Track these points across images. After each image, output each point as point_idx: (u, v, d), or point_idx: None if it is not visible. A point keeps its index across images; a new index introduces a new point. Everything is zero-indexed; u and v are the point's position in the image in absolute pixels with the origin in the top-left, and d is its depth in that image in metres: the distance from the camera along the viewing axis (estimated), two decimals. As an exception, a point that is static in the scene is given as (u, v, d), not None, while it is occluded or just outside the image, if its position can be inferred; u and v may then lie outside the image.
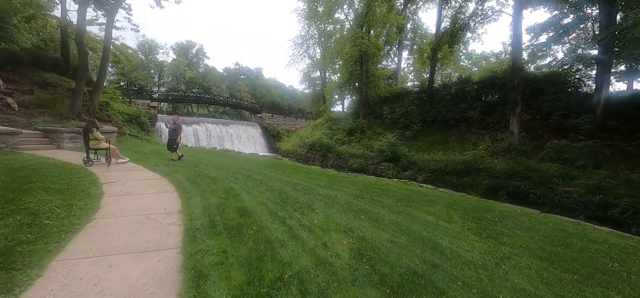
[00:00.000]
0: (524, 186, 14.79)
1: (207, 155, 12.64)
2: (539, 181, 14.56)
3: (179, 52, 59.09)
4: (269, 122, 33.44)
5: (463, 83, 23.71)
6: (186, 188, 6.12)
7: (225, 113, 58.56)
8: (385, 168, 19.99)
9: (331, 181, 9.61)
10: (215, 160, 11.02)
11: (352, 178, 11.12)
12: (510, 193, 14.92)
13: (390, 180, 12.22)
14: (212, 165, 9.59)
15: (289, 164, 13.92)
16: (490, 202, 9.16)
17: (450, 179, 17.25)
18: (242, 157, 14.48)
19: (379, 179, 12.02)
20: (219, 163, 10.34)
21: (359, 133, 24.81)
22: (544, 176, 14.62)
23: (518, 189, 14.84)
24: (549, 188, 14.03)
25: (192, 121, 26.98)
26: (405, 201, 7.45)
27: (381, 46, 24.29)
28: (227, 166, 9.80)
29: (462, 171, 17.21)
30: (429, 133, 22.80)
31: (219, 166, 9.45)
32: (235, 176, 8.05)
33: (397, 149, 19.97)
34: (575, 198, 13.15)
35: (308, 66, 39.41)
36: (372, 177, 12.63)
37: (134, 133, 18.08)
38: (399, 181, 12.18)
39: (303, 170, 12.03)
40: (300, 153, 26.12)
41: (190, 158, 10.94)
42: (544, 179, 14.52)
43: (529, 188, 14.61)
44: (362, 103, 27.08)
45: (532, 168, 15.32)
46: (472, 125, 21.35)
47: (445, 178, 17.44)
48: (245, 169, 9.54)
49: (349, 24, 28.06)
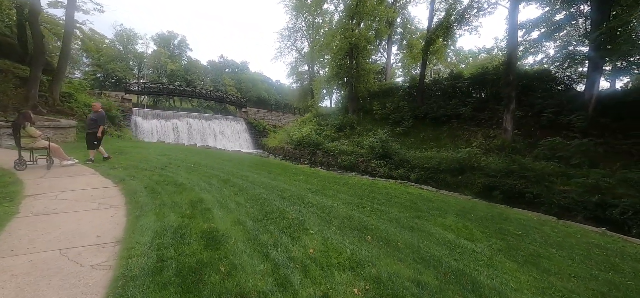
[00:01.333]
0: (520, 185, 14.02)
1: (182, 153, 11.05)
2: (535, 180, 13.82)
3: (160, 43, 55.83)
4: (255, 117, 31.69)
5: (454, 79, 22.89)
6: (139, 201, 4.63)
7: (209, 108, 56.05)
8: (376, 166, 18.89)
9: (323, 184, 8.30)
10: (190, 160, 9.47)
11: (346, 180, 9.85)
12: (505, 192, 14.13)
13: (387, 181, 11.03)
14: (184, 166, 8.06)
15: (276, 163, 12.50)
16: (500, 207, 8.11)
17: (444, 177, 16.35)
18: (223, 155, 12.92)
19: (374, 180, 10.81)
20: (194, 164, 8.81)
21: (348, 129, 23.58)
22: (540, 174, 13.89)
23: (514, 188, 14.06)
24: (545, 187, 13.31)
25: (172, 115, 24.93)
26: (412, 210, 6.24)
27: (372, 39, 23.10)
28: (203, 168, 8.30)
29: (456, 169, 16.33)
30: (420, 129, 21.86)
31: (191, 168, 7.92)
32: (209, 181, 6.58)
33: (388, 146, 18.88)
34: (573, 197, 12.45)
35: (295, 60, 37.78)
36: (366, 178, 11.42)
37: (103, 127, 16.09)
38: (395, 182, 11.01)
39: (291, 170, 10.66)
40: (288, 150, 24.65)
41: (160, 157, 9.34)
42: (540, 178, 13.79)
43: (524, 187, 13.86)
44: (351, 98, 25.84)
45: (528, 166, 14.56)
46: (463, 122, 20.55)
47: (439, 177, 16.53)
48: (223, 171, 8.08)
49: (339, 15, 26.67)
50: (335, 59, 24.72)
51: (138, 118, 22.91)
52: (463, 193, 15.49)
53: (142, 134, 22.26)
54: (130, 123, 22.38)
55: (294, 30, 35.36)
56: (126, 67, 52.23)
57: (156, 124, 23.19)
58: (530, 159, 15.65)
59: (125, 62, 52.37)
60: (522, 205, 13.47)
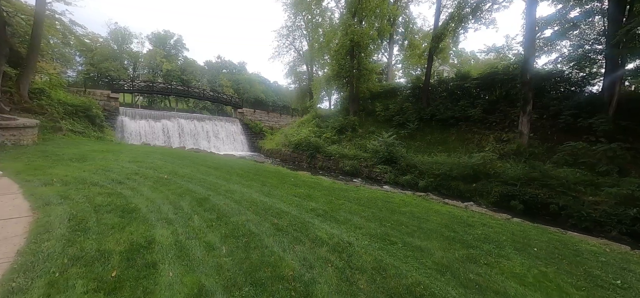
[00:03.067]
0: (543, 195, 12.30)
1: (161, 159, 9.14)
2: (560, 189, 12.09)
3: (155, 43, 53.57)
4: (251, 118, 29.74)
5: (461, 79, 21.18)
6: (41, 250, 2.74)
7: (206, 109, 53.98)
8: (381, 171, 17.08)
9: (329, 199, 6.45)
10: (166, 168, 7.57)
11: (355, 192, 8.00)
12: (526, 202, 12.40)
13: (402, 193, 9.21)
14: (152, 179, 6.17)
15: (272, 170, 10.63)
16: (554, 232, 6.28)
17: (457, 185, 14.61)
18: (211, 160, 11.02)
19: (386, 192, 8.99)
20: (169, 174, 6.91)
21: (350, 131, 21.76)
22: (565, 183, 12.15)
23: (536, 198, 12.34)
24: (573, 198, 11.58)
25: (162, 115, 22.88)
26: (456, 244, 4.42)
27: (375, 36, 21.38)
28: (179, 180, 6.41)
29: (469, 176, 14.59)
30: (427, 132, 20.11)
31: (162, 182, 6.02)
32: (178, 202, 4.71)
33: (394, 150, 17.09)
34: (605, 210, 10.75)
35: (294, 60, 35.79)
36: (377, 188, 9.60)
37: (80, 128, 14.11)
38: (413, 194, 9.18)
39: (289, 180, 8.80)
40: (285, 153, 22.74)
41: (127, 166, 7.39)
42: (565, 187, 12.06)
43: (548, 197, 12.16)
44: (352, 99, 24.03)
45: (551, 174, 12.81)
46: (473, 124, 18.82)
47: (451, 184, 14.78)
48: (204, 185, 6.20)
49: (340, 12, 24.89)
50: (336, 58, 22.92)
51: (125, 118, 20.88)
52: (478, 202, 13.79)
53: (129, 135, 20.23)
54: (116, 123, 20.36)
55: (292, 29, 33.46)
56: (120, 67, 49.98)
57: (144, 125, 21.17)
58: (550, 165, 13.97)
59: (119, 62, 50.08)
60: (546, 217, 11.82)
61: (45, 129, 11.74)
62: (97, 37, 51.50)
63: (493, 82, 19.92)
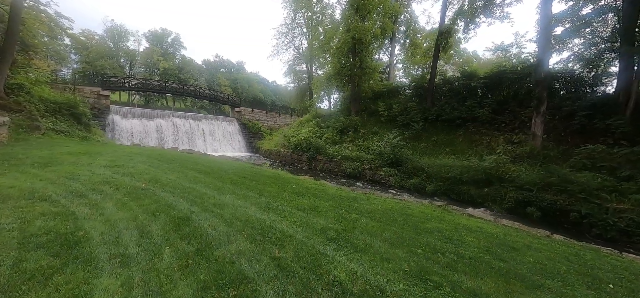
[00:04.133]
0: (562, 202, 11.23)
1: (145, 163, 7.94)
2: (581, 196, 11.03)
3: (152, 41, 52.06)
4: (249, 117, 28.47)
5: (467, 78, 20.12)
6: None
7: (203, 108, 52.63)
8: (385, 174, 15.97)
9: (340, 215, 5.30)
10: (147, 174, 6.38)
11: (366, 201, 6.86)
12: (544, 209, 11.35)
13: (417, 202, 8.06)
14: (126, 188, 4.98)
15: (270, 174, 9.45)
16: (627, 261, 5.16)
17: (468, 189, 13.55)
18: (204, 163, 9.83)
19: (402, 202, 7.85)
20: (149, 181, 5.73)
21: (352, 131, 20.61)
22: (586, 189, 11.08)
23: (554, 205, 11.29)
24: (596, 206, 10.51)
25: (155, 114, 21.56)
26: (519, 284, 3.28)
27: (378, 33, 20.27)
28: (159, 189, 5.24)
29: (481, 180, 13.52)
30: (432, 133, 19.02)
31: (136, 193, 4.81)
32: (149, 224, 3.54)
33: (400, 152, 15.97)
34: (632, 218, 9.70)
35: (293, 58, 34.54)
36: (390, 197, 8.46)
37: (63, 127, 12.84)
38: (430, 204, 8.03)
39: (290, 186, 7.65)
40: (284, 154, 21.54)
41: (100, 172, 6.20)
42: (586, 193, 10.99)
43: (568, 203, 11.09)
44: (354, 98, 22.88)
45: (569, 178, 11.73)
46: (481, 125, 17.77)
47: (461, 189, 13.72)
48: (190, 196, 5.04)
49: (341, 8, 23.75)
50: (337, 55, 21.76)
51: (116, 116, 19.58)
52: (491, 208, 12.72)
53: (120, 135, 18.95)
54: (107, 122, 19.07)
55: (292, 27, 32.23)
56: (116, 65, 48.49)
57: (136, 125, 19.88)
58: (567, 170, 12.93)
59: (115, 60, 48.58)
60: (565, 226, 10.79)
61: (20, 128, 10.48)
62: (93, 34, 49.96)
63: (500, 82, 18.91)
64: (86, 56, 47.09)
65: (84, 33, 49.13)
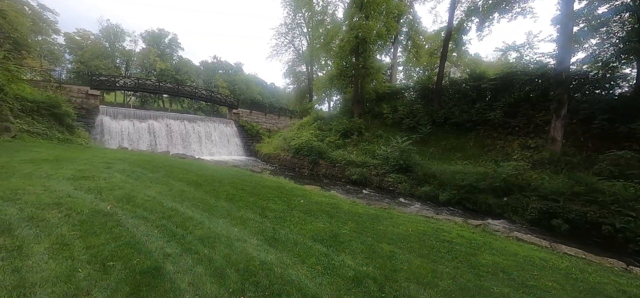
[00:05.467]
0: (592, 214, 10.00)
1: (125, 172, 6.52)
2: (614, 207, 9.81)
3: (149, 41, 50.33)
4: (247, 119, 27.03)
5: (476, 80, 18.93)
6: None
7: (200, 109, 51.04)
8: (394, 181, 14.66)
9: (369, 247, 3.97)
10: (121, 189, 4.98)
11: (394, 226, 5.53)
12: (571, 221, 10.13)
13: (453, 223, 6.73)
14: (81, 214, 3.59)
15: (272, 184, 8.07)
16: None
17: (484, 199, 12.29)
18: (196, 171, 8.42)
19: (430, 220, 6.51)
20: (119, 200, 4.34)
21: (356, 134, 19.28)
22: (619, 199, 9.88)
23: (584, 217, 10.08)
24: (632, 218, 9.31)
25: (148, 115, 20.02)
26: None
27: (383, 32, 19.02)
28: (128, 213, 3.86)
29: (500, 188, 12.27)
30: (441, 136, 17.78)
31: (91, 222, 3.40)
32: (90, 290, 2.17)
33: (410, 157, 14.68)
34: (673, 233, 8.50)
35: (293, 59, 33.18)
36: (416, 214, 7.11)
37: (40, 129, 11.32)
38: (464, 223, 6.70)
39: (297, 200, 6.29)
40: (284, 158, 20.13)
41: (58, 187, 4.79)
42: (620, 204, 9.78)
43: (599, 215, 9.87)
44: (357, 100, 21.58)
45: (598, 187, 10.53)
46: (492, 129, 16.58)
47: (478, 198, 12.45)
48: (169, 224, 3.67)
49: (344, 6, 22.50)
50: (340, 55, 20.46)
51: (105, 117, 18.04)
52: (511, 219, 11.50)
53: (109, 137, 17.42)
54: (95, 123, 17.53)
55: (291, 27, 30.89)
56: (112, 65, 46.74)
57: (127, 126, 18.35)
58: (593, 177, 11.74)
59: (111, 60, 46.84)
60: (596, 240, 9.59)
61: (-16, 129, 9.01)
62: (89, 34, 48.19)
63: (511, 84, 17.77)
64: (81, 56, 45.31)
65: (79, 32, 47.35)
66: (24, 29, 15.91)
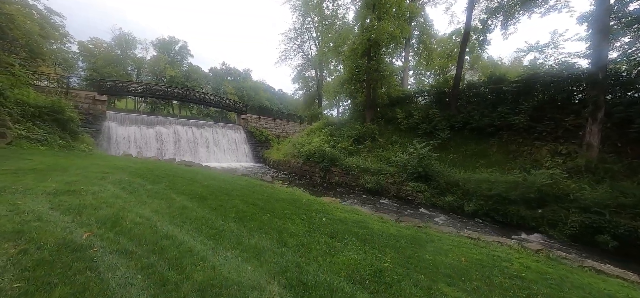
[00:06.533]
0: (646, 229, 8.66)
1: (122, 185, 5.61)
2: (674, 222, 8.46)
3: (160, 49, 50.42)
4: (256, 125, 26.21)
5: (496, 82, 17.69)
6: None
7: (209, 115, 50.67)
8: (413, 190, 13.49)
9: (426, 288, 2.92)
10: (112, 207, 4.04)
11: (442, 251, 4.43)
12: (620, 237, 8.81)
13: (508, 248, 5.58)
14: (47, 246, 2.66)
15: (286, 197, 7.06)
16: None
17: (517, 210, 11.04)
18: (202, 181, 7.48)
19: (478, 242, 5.38)
20: (103, 222, 3.40)
21: (369, 140, 18.19)
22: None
23: (634, 232, 8.78)
24: (694, 235, 7.97)
25: (155, 121, 19.34)
26: None
27: (397, 33, 18.01)
28: (110, 241, 2.90)
29: (533, 199, 11.00)
30: (460, 142, 16.54)
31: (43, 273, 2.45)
32: None
33: (430, 164, 13.52)
34: None
35: (302, 64, 32.42)
36: (457, 235, 5.98)
37: (41, 135, 10.58)
38: (520, 245, 5.54)
39: (317, 219, 5.26)
40: (295, 165, 19.12)
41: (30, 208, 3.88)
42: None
43: (654, 231, 8.54)
44: (369, 105, 20.54)
45: (652, 200, 9.18)
46: (517, 134, 15.27)
47: (508, 209, 11.21)
48: (160, 262, 2.69)
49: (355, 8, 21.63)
50: (352, 58, 19.50)
51: (112, 123, 17.38)
52: (548, 234, 10.21)
53: (116, 144, 16.73)
54: (102, 129, 16.87)
55: (300, 32, 30.19)
56: (124, 72, 46.87)
57: (135, 132, 17.64)
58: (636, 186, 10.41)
59: (122, 67, 46.95)
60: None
61: (-23, 136, 8.26)
62: (101, 42, 48.53)
63: (535, 86, 16.47)
64: (94, 63, 45.60)
65: (92, 41, 47.72)
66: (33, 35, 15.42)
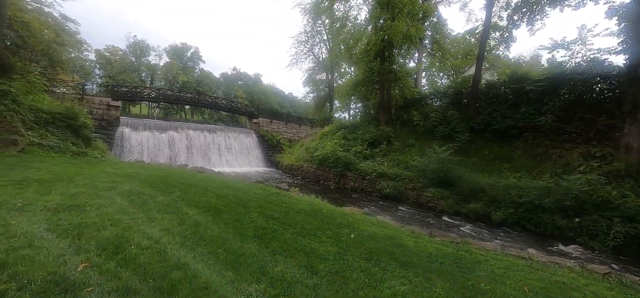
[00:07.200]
0: (703, 241, 7.63)
1: (130, 196, 5.13)
2: None
3: (172, 55, 50.98)
4: (268, 129, 25.79)
5: (518, 81, 16.65)
6: None
7: (220, 120, 50.74)
8: (434, 196, 12.68)
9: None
10: (116, 225, 3.54)
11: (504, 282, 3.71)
12: (672, 250, 7.73)
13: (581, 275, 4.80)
14: (34, 285, 2.13)
15: (306, 207, 6.44)
16: None
17: (551, 219, 10.09)
18: (215, 190, 6.95)
19: (549, 269, 4.61)
20: (103, 247, 2.87)
21: (384, 144, 17.43)
22: None
23: (691, 244, 7.68)
24: None
25: (168, 126, 19.14)
26: None
27: (412, 33, 17.26)
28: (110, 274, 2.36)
29: (570, 207, 10.04)
30: (481, 145, 15.59)
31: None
32: None
33: (452, 168, 12.68)
34: None
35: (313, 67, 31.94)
36: (524, 264, 5.21)
37: (54, 141, 10.34)
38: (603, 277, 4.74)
39: (345, 235, 4.62)
40: (308, 170, 18.53)
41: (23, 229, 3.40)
42: None
43: None
44: (383, 107, 19.79)
45: None
46: (544, 135, 14.23)
47: (541, 218, 10.28)
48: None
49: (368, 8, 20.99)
50: (365, 60, 18.84)
51: (126, 129, 17.22)
52: (588, 245, 9.26)
53: (129, 150, 16.53)
54: (116, 135, 16.72)
55: (311, 35, 29.73)
56: (138, 79, 47.58)
57: (148, 138, 17.44)
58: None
59: (137, 74, 47.67)
60: None
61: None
62: (117, 49, 49.48)
63: (560, 85, 15.40)
64: (110, 70, 46.46)
65: (108, 49, 48.70)
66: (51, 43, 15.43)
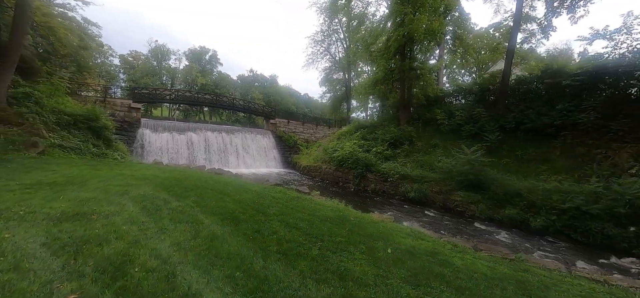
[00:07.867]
0: None
1: (141, 202, 4.69)
2: None
3: (192, 59, 52.04)
4: (285, 129, 25.39)
5: (553, 76, 15.23)
6: None
7: (237, 121, 51.14)
8: (463, 200, 11.67)
9: None
10: (123, 238, 3.06)
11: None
12: None
13: None
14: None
15: (329, 213, 5.80)
16: None
17: (600, 228, 8.90)
18: (234, 195, 6.46)
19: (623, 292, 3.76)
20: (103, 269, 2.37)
21: (406, 144, 16.49)
22: None
23: None
24: None
25: (187, 127, 19.10)
26: None
27: (436, 27, 16.21)
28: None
29: (623, 214, 8.82)
30: (513, 145, 14.34)
31: None
32: None
33: (483, 170, 11.63)
34: None
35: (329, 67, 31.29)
36: (605, 292, 4.36)
37: (75, 143, 10.27)
38: None
39: (378, 247, 3.95)
40: (326, 172, 17.87)
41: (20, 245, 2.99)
42: None
43: None
44: (403, 106, 18.82)
45: None
46: (584, 134, 12.82)
47: (589, 226, 9.10)
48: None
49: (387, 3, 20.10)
50: (385, 56, 17.96)
51: (146, 130, 17.28)
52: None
53: (149, 151, 16.55)
54: (136, 136, 16.80)
55: (328, 34, 29.10)
56: (159, 82, 48.89)
57: (167, 139, 17.44)
58: None
59: (158, 77, 48.99)
60: None
61: (10, 144, 7.92)
62: (139, 54, 51.13)
63: (602, 78, 13.93)
64: (133, 74, 48.04)
65: (132, 54, 50.43)
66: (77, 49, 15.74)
